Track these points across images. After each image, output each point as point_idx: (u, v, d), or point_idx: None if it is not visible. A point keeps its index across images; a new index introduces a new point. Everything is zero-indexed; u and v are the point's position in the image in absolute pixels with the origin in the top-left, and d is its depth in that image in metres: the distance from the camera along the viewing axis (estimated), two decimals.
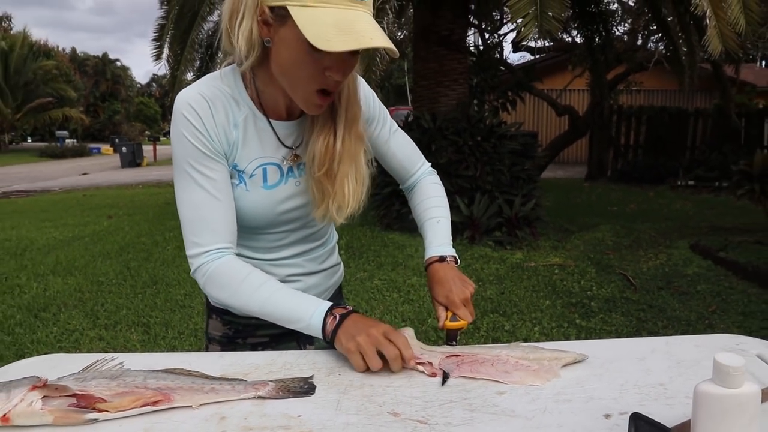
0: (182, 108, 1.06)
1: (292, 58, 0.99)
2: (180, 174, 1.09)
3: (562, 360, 1.01)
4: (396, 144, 1.31)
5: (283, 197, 1.15)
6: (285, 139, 1.14)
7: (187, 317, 4.04)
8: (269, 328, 1.28)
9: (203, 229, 1.08)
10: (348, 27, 0.92)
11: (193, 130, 1.06)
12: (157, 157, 24.16)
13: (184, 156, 1.07)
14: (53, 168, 21.58)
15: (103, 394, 0.90)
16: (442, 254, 1.25)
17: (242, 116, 1.10)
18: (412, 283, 4.64)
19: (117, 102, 44.83)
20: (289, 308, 1.07)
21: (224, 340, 1.32)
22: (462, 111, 6.72)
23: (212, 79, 1.11)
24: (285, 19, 0.95)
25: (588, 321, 3.89)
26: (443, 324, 1.17)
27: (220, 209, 1.09)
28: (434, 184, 1.36)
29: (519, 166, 6.48)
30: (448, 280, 1.20)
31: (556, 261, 5.37)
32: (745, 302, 4.17)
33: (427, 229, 1.30)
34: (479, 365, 1.00)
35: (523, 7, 4.47)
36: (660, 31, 8.20)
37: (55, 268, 5.45)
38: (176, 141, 1.08)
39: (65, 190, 13.73)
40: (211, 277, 1.09)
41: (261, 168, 1.13)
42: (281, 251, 1.24)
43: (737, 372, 0.67)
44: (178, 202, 1.10)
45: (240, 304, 1.10)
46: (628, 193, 10.60)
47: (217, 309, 1.31)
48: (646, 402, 0.88)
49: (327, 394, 0.92)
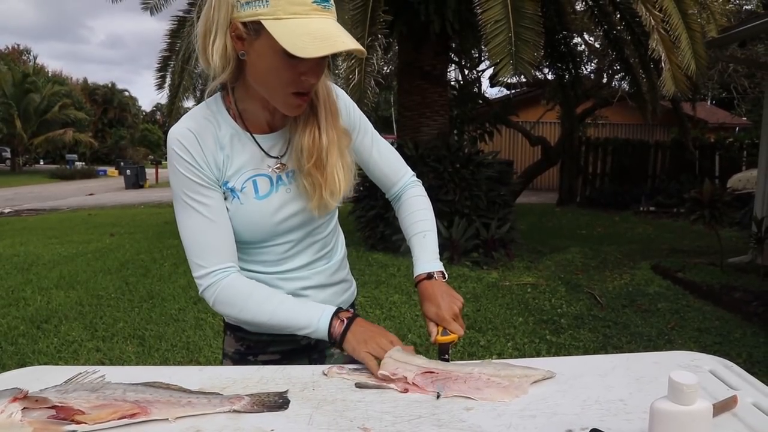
0: (173, 144, 1.07)
1: (268, 67, 1.00)
2: (178, 203, 1.10)
3: (531, 377, 0.98)
4: (379, 153, 1.28)
5: (276, 206, 1.13)
6: (270, 150, 1.13)
7: (180, 330, 3.96)
8: (281, 345, 1.26)
9: (206, 253, 1.09)
10: (320, 34, 0.94)
11: (185, 163, 1.07)
12: (158, 179, 23.99)
13: (180, 187, 1.08)
14: (62, 188, 21.36)
15: (82, 406, 0.86)
16: (429, 271, 1.22)
17: (227, 136, 1.10)
18: (393, 300, 4.60)
19: (123, 128, 44.64)
20: (296, 315, 1.08)
21: (236, 356, 1.29)
22: (443, 140, 6.74)
23: (197, 111, 1.12)
24: (258, 32, 0.96)
25: (558, 337, 3.86)
26: (435, 339, 1.14)
27: (218, 232, 1.09)
28: (419, 197, 1.33)
29: (495, 191, 6.50)
30: (437, 296, 1.17)
31: (529, 280, 5.36)
32: (700, 319, 4.18)
33: (415, 245, 1.27)
34: (452, 382, 0.97)
35: (500, 50, 4.53)
36: (623, 71, 8.32)
37: (58, 283, 5.34)
38: (171, 174, 1.09)
39: (72, 209, 13.56)
40: (220, 296, 1.09)
41: (251, 180, 1.11)
42: (288, 262, 1.20)
43: (690, 390, 0.65)
44: (179, 228, 1.11)
45: (249, 317, 1.10)
46: (595, 217, 10.66)
47: (231, 326, 1.28)
48: (606, 417, 0.85)
49: (300, 409, 0.88)
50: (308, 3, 0.95)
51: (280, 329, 1.10)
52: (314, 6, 0.96)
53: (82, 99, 38.48)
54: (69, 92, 35.23)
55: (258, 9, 0.95)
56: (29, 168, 35.57)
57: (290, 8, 0.94)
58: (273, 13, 0.94)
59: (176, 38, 7.34)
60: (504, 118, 10.70)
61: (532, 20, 4.64)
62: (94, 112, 40.51)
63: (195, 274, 1.11)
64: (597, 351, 3.59)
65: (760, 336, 3.79)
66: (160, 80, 7.57)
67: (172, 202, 1.12)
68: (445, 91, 7.42)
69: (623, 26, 6.98)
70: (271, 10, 0.94)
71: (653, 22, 5.10)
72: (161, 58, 7.55)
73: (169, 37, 7.50)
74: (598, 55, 12.48)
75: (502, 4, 4.58)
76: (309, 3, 0.95)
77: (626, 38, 7.16)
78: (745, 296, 4.54)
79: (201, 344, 3.70)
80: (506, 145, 16.76)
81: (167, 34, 7.53)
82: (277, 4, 0.94)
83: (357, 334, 1.05)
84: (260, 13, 0.95)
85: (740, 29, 5.91)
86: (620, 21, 7.00)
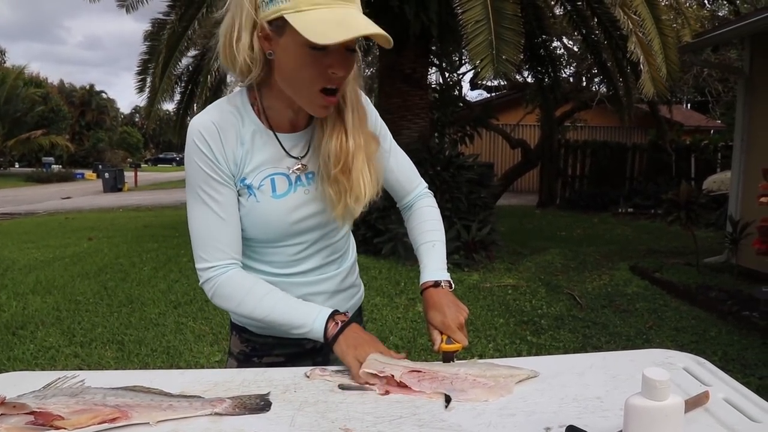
0: (194, 135, 1.06)
1: (294, 62, 0.98)
2: (191, 194, 1.10)
3: (516, 377, 1.00)
4: (395, 161, 1.27)
5: (293, 206, 1.12)
6: (291, 150, 1.12)
7: (160, 335, 3.91)
8: (286, 348, 1.25)
9: (211, 247, 1.09)
10: (342, 21, 0.93)
11: (203, 157, 1.06)
12: (137, 183, 23.70)
13: (195, 179, 1.08)
14: (38, 192, 20.97)
15: (61, 411, 0.85)
16: (436, 279, 1.21)
17: (249, 132, 1.09)
18: (375, 303, 4.60)
19: (102, 131, 43.96)
20: (293, 314, 1.08)
21: (241, 356, 1.28)
22: (423, 143, 6.77)
23: (221, 104, 1.11)
24: (283, 28, 0.96)
25: (538, 338, 3.90)
26: (439, 347, 1.13)
27: (226, 228, 1.09)
28: (430, 207, 1.32)
29: (476, 194, 6.54)
30: (443, 306, 1.17)
31: (510, 282, 5.40)
32: (677, 318, 4.25)
33: (423, 253, 1.26)
34: (438, 382, 0.97)
35: (481, 51, 4.56)
36: (601, 74, 8.44)
37: (34, 288, 5.25)
38: (188, 165, 1.09)
39: (48, 213, 13.32)
40: (219, 289, 1.10)
41: (269, 178, 1.10)
42: (298, 265, 1.19)
43: (663, 386, 0.67)
44: (189, 218, 1.11)
45: (246, 312, 1.10)
46: (575, 219, 10.78)
47: (237, 326, 1.28)
48: (583, 415, 0.87)
49: (282, 411, 0.88)
50: None
51: (276, 326, 1.10)
52: None
53: (60, 101, 37.82)
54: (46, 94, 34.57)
55: (280, 5, 0.94)
56: (4, 171, 34.84)
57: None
58: (295, 6, 0.93)
59: (155, 40, 7.28)
60: (484, 121, 10.77)
61: (512, 21, 4.70)
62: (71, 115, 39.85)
63: (197, 266, 1.11)
64: (577, 351, 3.63)
65: (735, 334, 3.87)
66: (140, 83, 7.50)
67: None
68: (426, 94, 7.46)
69: (601, 31, 7.08)
70: (293, 4, 0.93)
71: (631, 26, 5.19)
72: (141, 60, 7.49)
73: (148, 40, 7.43)
74: (577, 59, 12.65)
75: (482, 5, 4.62)
76: None
77: (604, 43, 7.27)
78: (720, 295, 4.63)
79: (181, 349, 3.66)
80: (487, 147, 16.87)
81: (147, 37, 7.47)
82: None
83: (349, 338, 1.05)
84: (283, 8, 0.94)
85: (713, 34, 6.04)
86: (598, 25, 7.10)
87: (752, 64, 5.83)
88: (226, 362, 1.34)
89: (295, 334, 1.10)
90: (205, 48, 7.48)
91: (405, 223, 1.36)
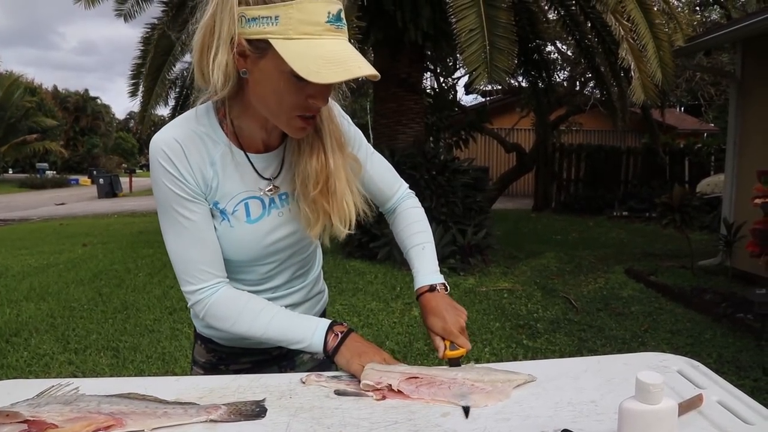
0: (157, 154, 1.01)
1: (273, 88, 0.94)
2: (164, 217, 1.05)
3: (514, 382, 1.00)
4: (373, 167, 1.23)
5: (267, 229, 1.09)
6: (263, 172, 1.08)
7: (155, 341, 3.90)
8: (252, 356, 1.25)
9: (193, 269, 1.05)
10: (334, 57, 0.88)
11: (170, 176, 1.01)
12: (132, 188, 23.63)
13: (166, 200, 1.03)
14: (32, 198, 20.89)
15: (55, 419, 0.84)
16: (431, 283, 1.18)
17: (219, 153, 1.04)
18: (371, 307, 4.60)
19: (96, 136, 43.86)
20: (290, 330, 1.06)
21: (207, 365, 1.27)
22: (418, 147, 6.79)
23: (186, 120, 1.05)
24: (265, 51, 0.90)
25: (534, 341, 3.90)
26: (443, 354, 1.12)
27: (206, 249, 1.05)
28: (415, 208, 1.28)
29: (471, 198, 6.56)
30: (441, 310, 1.14)
31: (506, 286, 5.41)
32: (672, 321, 4.26)
33: (414, 257, 1.23)
34: (437, 387, 0.97)
35: (475, 59, 4.59)
36: (595, 79, 8.49)
37: (28, 294, 5.22)
38: (156, 186, 1.03)
39: (43, 219, 13.27)
40: (210, 310, 1.07)
41: (243, 203, 1.07)
42: (269, 282, 1.18)
43: (656, 389, 0.68)
44: (166, 242, 1.07)
45: (242, 331, 1.07)
46: (570, 222, 10.81)
47: (202, 336, 1.26)
48: (578, 419, 0.87)
49: (277, 417, 0.88)
50: (321, 23, 0.88)
51: (273, 343, 1.09)
52: (327, 26, 0.89)
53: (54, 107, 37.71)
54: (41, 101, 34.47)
55: (266, 27, 0.88)
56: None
57: (302, 28, 0.87)
58: (283, 32, 0.87)
59: (149, 45, 7.28)
60: (479, 125, 10.80)
61: (505, 29, 4.73)
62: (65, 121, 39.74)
63: (183, 289, 1.07)
64: (573, 354, 3.64)
65: (729, 336, 3.89)
66: (133, 88, 7.50)
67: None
68: (421, 98, 7.48)
69: (594, 35, 7.13)
70: (281, 29, 0.87)
71: (622, 32, 5.23)
72: (134, 65, 7.48)
73: (142, 45, 7.43)
74: (571, 64, 12.70)
75: (476, 14, 4.65)
76: (322, 23, 0.88)
77: (597, 47, 7.31)
78: (714, 298, 4.65)
79: (177, 355, 3.65)
80: (482, 152, 16.90)
81: (140, 42, 7.46)
82: (288, 23, 0.87)
83: (352, 348, 1.04)
84: (269, 32, 0.88)
85: (705, 38, 6.09)
86: (591, 30, 7.15)
87: (744, 67, 5.88)
88: (191, 371, 1.31)
89: (295, 348, 1.08)
90: None
91: (390, 226, 1.32)
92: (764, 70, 5.60)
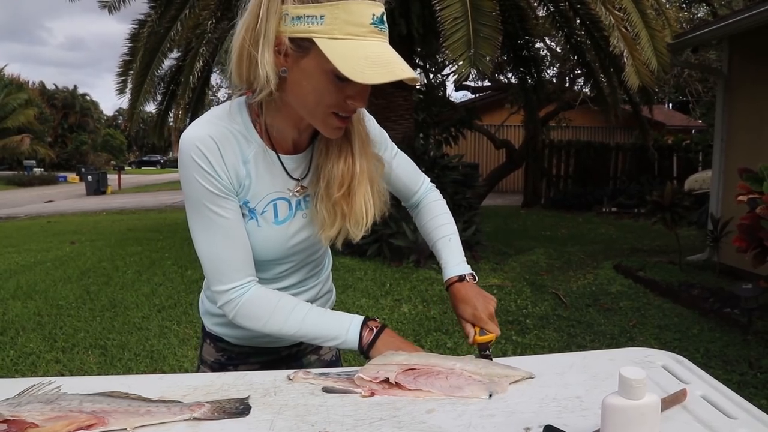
0: (191, 150, 0.99)
1: (314, 88, 0.94)
2: (194, 215, 1.03)
3: (511, 377, 1.00)
4: (398, 165, 1.25)
5: (293, 231, 1.10)
6: (293, 172, 1.09)
7: (143, 339, 3.88)
8: (261, 356, 1.24)
9: (225, 268, 1.04)
10: (378, 59, 0.89)
11: (203, 172, 0.99)
12: (121, 186, 23.47)
13: (198, 198, 1.01)
14: (20, 195, 20.68)
15: (35, 419, 0.83)
16: (461, 273, 1.22)
17: (252, 152, 1.04)
18: (361, 304, 4.60)
19: (85, 133, 43.45)
20: (324, 327, 1.06)
21: (216, 365, 1.26)
22: (408, 144, 6.78)
23: (219, 118, 1.03)
24: (308, 50, 0.90)
25: (523, 337, 3.92)
26: (473, 339, 1.16)
27: (237, 247, 1.04)
28: (438, 201, 1.32)
29: (461, 194, 6.57)
30: (471, 298, 1.18)
31: (495, 282, 5.43)
32: (660, 316, 4.30)
33: (441, 249, 1.26)
34: (434, 378, 0.97)
35: (459, 46, 4.60)
36: (585, 74, 8.52)
37: (15, 293, 5.17)
38: (187, 183, 1.01)
39: (30, 216, 13.14)
40: (242, 310, 1.05)
41: (272, 204, 1.07)
42: (282, 281, 1.18)
43: (639, 384, 0.68)
44: (195, 241, 1.05)
45: (274, 330, 1.06)
46: (559, 219, 10.86)
47: (212, 335, 1.25)
48: (563, 414, 0.87)
49: (261, 414, 0.88)
50: (366, 24, 0.89)
51: (307, 340, 1.09)
52: (372, 28, 0.90)
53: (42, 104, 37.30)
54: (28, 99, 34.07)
55: (311, 26, 0.88)
56: None
57: (347, 28, 0.88)
58: (328, 32, 0.88)
59: (137, 41, 7.22)
60: (469, 121, 10.82)
61: (490, 18, 4.76)
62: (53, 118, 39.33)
63: (213, 289, 1.06)
64: (562, 350, 3.65)
65: (716, 331, 3.92)
66: (121, 85, 7.42)
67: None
68: (411, 95, 7.47)
69: (584, 31, 7.14)
70: (327, 29, 0.88)
71: (614, 21, 5.24)
72: (122, 62, 7.41)
73: (129, 41, 7.36)
74: (560, 60, 12.75)
75: (460, 2, 4.66)
76: (367, 24, 0.89)
77: (587, 43, 7.33)
78: (702, 293, 4.69)
79: (165, 353, 3.63)
80: (471, 148, 16.94)
81: (128, 38, 7.39)
82: (334, 23, 0.87)
83: (387, 343, 1.04)
84: (313, 31, 0.88)
85: (693, 35, 6.13)
86: (581, 26, 7.17)
87: (731, 64, 5.92)
88: (198, 369, 1.32)
89: (329, 346, 1.09)
90: (188, 49, 7.41)
91: (414, 219, 1.36)
92: (751, 66, 5.65)
